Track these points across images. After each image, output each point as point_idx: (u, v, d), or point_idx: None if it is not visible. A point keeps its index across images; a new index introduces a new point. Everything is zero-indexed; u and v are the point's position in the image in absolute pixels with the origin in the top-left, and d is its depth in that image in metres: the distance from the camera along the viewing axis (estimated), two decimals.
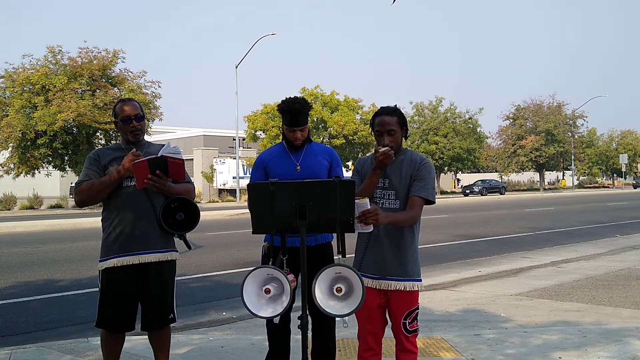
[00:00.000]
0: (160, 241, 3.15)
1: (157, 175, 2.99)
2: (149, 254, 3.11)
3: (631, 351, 4.03)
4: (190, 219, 3.15)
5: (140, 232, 3.09)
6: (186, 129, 57.38)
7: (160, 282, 3.18)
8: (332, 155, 3.33)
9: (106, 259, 3.12)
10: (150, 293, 3.17)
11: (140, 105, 3.30)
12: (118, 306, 3.11)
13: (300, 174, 3.16)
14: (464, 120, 45.73)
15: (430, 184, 2.79)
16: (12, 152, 28.81)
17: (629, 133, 65.33)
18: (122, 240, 3.10)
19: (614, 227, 15.07)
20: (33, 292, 7.20)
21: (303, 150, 3.25)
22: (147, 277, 3.14)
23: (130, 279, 3.11)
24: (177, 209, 3.12)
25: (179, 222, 3.13)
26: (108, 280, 3.12)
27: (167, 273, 3.22)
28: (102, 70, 28.53)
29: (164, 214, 3.09)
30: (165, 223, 3.09)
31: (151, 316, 3.20)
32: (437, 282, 7.35)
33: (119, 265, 3.08)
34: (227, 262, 9.50)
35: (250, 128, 37.94)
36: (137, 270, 3.11)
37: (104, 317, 3.13)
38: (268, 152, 3.34)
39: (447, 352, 4.16)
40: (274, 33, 32.31)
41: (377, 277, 2.80)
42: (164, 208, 3.09)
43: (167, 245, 3.20)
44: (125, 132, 3.21)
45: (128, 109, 3.18)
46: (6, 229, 16.68)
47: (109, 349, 3.21)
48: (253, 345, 4.49)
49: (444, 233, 13.82)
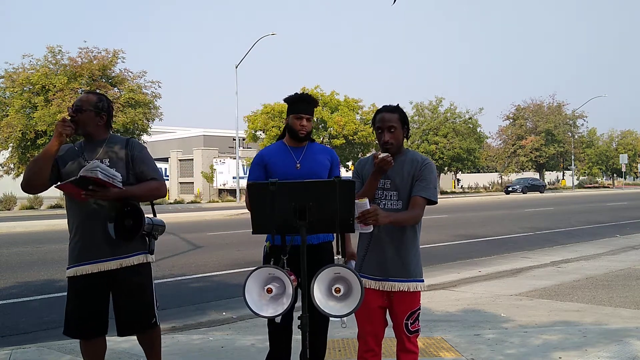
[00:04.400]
0: (119, 246, 2.99)
1: (92, 189, 2.82)
2: (108, 261, 2.98)
3: (631, 351, 4.03)
4: (136, 225, 2.99)
5: (99, 238, 2.97)
6: (186, 129, 57.38)
7: (130, 287, 3.05)
8: (333, 156, 3.33)
9: (69, 267, 3.04)
10: (120, 299, 3.06)
11: (101, 100, 3.08)
12: (82, 314, 3.00)
13: (300, 171, 3.15)
14: (464, 120, 45.71)
15: (432, 184, 2.79)
16: (12, 152, 28.78)
17: (629, 133, 65.34)
18: (80, 248, 2.99)
19: (614, 227, 15.07)
20: (33, 292, 7.20)
21: (304, 148, 3.24)
22: (114, 283, 3.03)
23: (96, 285, 3.00)
24: (128, 214, 2.97)
25: (128, 228, 2.97)
26: (71, 289, 3.03)
27: (138, 277, 3.07)
28: (102, 70, 28.48)
29: (115, 220, 2.95)
30: (116, 230, 2.95)
31: (124, 322, 3.08)
32: (437, 282, 7.35)
33: (80, 274, 2.98)
34: (227, 262, 9.50)
35: (250, 128, 37.91)
36: (104, 277, 3.00)
37: (68, 324, 3.04)
38: (268, 150, 3.32)
39: (447, 352, 4.16)
40: (274, 33, 32.33)
41: (379, 279, 2.79)
42: (115, 217, 2.95)
43: (132, 249, 3.04)
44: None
45: (78, 98, 3.07)
46: (6, 229, 16.67)
47: (89, 355, 3.11)
48: (253, 345, 4.49)
49: (444, 233, 13.82)
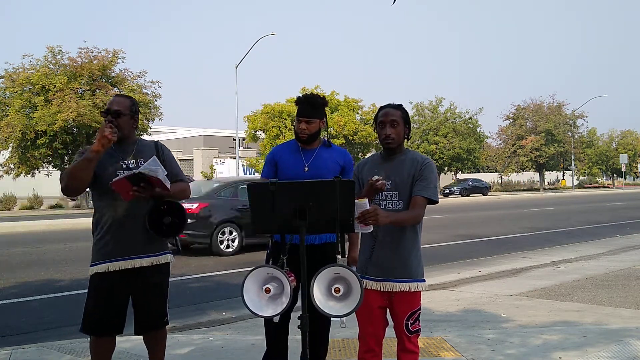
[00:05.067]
0: (152, 244, 3.06)
1: (142, 186, 2.87)
2: (140, 258, 3.02)
3: (631, 351, 4.03)
4: (178, 222, 3.05)
5: (130, 236, 3.00)
6: (186, 129, 57.37)
7: (153, 286, 3.09)
8: (346, 159, 3.28)
9: (97, 263, 3.02)
10: (143, 297, 3.09)
11: (134, 103, 3.15)
12: (103, 311, 3.00)
13: (307, 174, 3.13)
14: (464, 120, 45.71)
15: (433, 184, 2.79)
16: (12, 152, 28.76)
17: (629, 133, 65.33)
18: (113, 244, 3.00)
19: (614, 227, 15.08)
20: (33, 292, 7.19)
21: (315, 150, 3.21)
22: (139, 281, 3.05)
23: (120, 283, 3.01)
24: (166, 212, 3.03)
25: (167, 225, 3.03)
26: (96, 285, 3.02)
27: (161, 276, 3.13)
28: (102, 70, 28.49)
29: (151, 217, 2.99)
30: (152, 227, 2.99)
31: (144, 320, 3.12)
32: (437, 282, 7.34)
33: (109, 271, 2.99)
34: (227, 262, 9.50)
35: (250, 128, 37.91)
36: (128, 275, 3.02)
37: (89, 322, 3.03)
38: (280, 148, 3.31)
39: (447, 352, 4.16)
40: (274, 33, 32.28)
41: (380, 279, 2.78)
42: (150, 212, 2.99)
43: (160, 248, 3.11)
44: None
45: (111, 102, 3.08)
46: (6, 229, 16.66)
47: (98, 354, 3.09)
48: (253, 345, 4.49)
49: (444, 233, 13.82)
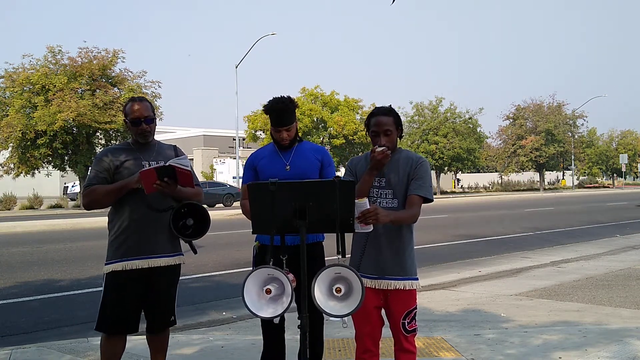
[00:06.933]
0: (168, 245, 3.14)
1: (165, 181, 2.96)
2: (157, 258, 3.09)
3: (631, 351, 4.03)
4: (200, 225, 3.14)
5: (148, 235, 3.07)
6: (186, 129, 57.38)
7: (166, 285, 3.17)
8: (324, 155, 3.30)
9: (113, 261, 3.07)
10: (156, 297, 3.15)
11: (152, 105, 3.23)
12: (120, 309, 3.06)
13: (290, 173, 3.14)
14: (464, 120, 45.69)
15: (428, 183, 2.80)
16: (12, 152, 28.79)
17: (629, 133, 65.31)
18: (130, 244, 3.06)
19: (614, 227, 15.07)
20: (33, 292, 7.20)
21: (293, 149, 3.23)
22: (153, 280, 3.11)
23: (136, 282, 3.07)
24: (187, 214, 3.11)
25: (189, 227, 3.12)
26: (113, 283, 3.07)
27: (173, 277, 3.22)
28: (102, 70, 28.53)
29: (174, 219, 3.07)
30: (175, 228, 3.07)
31: (156, 319, 3.19)
32: (437, 282, 7.35)
33: (126, 269, 3.05)
34: (227, 262, 9.50)
35: (250, 128, 37.95)
36: (143, 274, 3.08)
37: (105, 320, 3.07)
38: (258, 153, 3.33)
39: (447, 352, 4.15)
40: (274, 33, 32.34)
41: (375, 277, 2.80)
42: (174, 213, 3.07)
43: (175, 249, 3.19)
44: (135, 134, 3.15)
45: (138, 110, 3.10)
46: (6, 229, 16.68)
47: (109, 353, 3.12)
48: (253, 345, 4.48)
49: (444, 233, 13.81)
